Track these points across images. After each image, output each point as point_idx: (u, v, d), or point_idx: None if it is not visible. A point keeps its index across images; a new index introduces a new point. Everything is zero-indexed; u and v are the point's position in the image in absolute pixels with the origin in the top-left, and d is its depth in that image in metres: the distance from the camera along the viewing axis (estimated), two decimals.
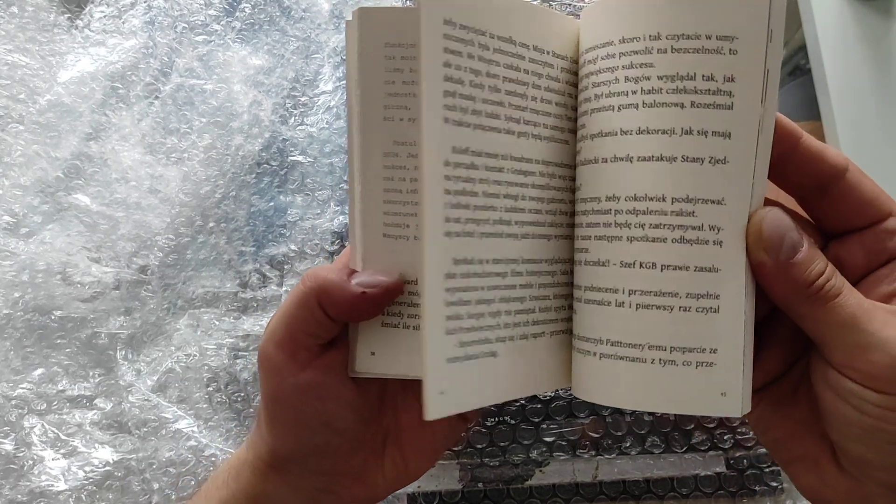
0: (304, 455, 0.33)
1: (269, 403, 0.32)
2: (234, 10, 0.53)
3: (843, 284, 0.25)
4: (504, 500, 0.43)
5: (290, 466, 0.33)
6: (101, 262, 0.47)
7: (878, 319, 0.25)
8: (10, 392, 0.44)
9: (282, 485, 0.33)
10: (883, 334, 0.24)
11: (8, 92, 0.50)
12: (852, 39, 0.53)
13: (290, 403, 0.31)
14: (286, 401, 0.31)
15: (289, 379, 0.31)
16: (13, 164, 0.49)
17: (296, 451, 0.33)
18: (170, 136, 0.50)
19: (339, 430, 0.32)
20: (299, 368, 0.31)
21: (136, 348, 0.46)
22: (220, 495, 0.34)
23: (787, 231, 0.25)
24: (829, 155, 0.27)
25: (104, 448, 0.43)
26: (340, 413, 0.32)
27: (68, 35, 0.52)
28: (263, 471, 0.33)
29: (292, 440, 0.32)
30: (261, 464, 0.33)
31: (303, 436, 0.32)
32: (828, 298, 0.25)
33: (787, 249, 0.25)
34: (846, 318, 0.25)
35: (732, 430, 0.42)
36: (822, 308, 0.25)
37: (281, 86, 0.52)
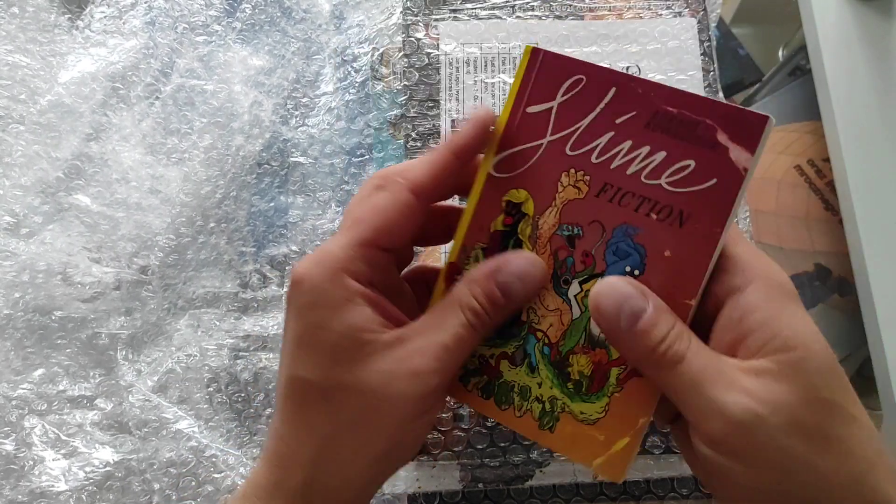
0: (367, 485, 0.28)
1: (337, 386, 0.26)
2: (235, 11, 0.53)
3: (687, 348, 0.25)
4: (504, 500, 0.43)
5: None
6: (102, 262, 0.47)
7: (720, 383, 0.24)
8: (11, 392, 0.44)
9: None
10: (721, 400, 0.24)
11: (9, 92, 0.50)
12: (852, 39, 0.53)
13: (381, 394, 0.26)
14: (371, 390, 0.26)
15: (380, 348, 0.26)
16: (14, 165, 0.49)
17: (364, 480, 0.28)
18: (170, 137, 0.50)
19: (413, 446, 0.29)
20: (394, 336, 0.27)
21: (137, 348, 0.46)
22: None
23: (624, 301, 0.26)
24: None
25: (105, 448, 0.43)
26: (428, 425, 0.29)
27: (69, 35, 0.52)
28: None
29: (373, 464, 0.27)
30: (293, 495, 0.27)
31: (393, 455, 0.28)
32: (672, 363, 0.25)
33: (627, 318, 0.25)
34: (688, 383, 0.25)
35: None
36: (667, 372, 0.25)
37: (281, 86, 0.52)
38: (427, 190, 0.28)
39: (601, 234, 0.28)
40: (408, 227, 0.28)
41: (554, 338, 0.29)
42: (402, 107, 0.49)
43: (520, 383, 0.29)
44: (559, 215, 0.28)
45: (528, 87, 0.28)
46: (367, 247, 0.27)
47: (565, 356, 0.29)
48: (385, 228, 0.27)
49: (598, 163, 0.27)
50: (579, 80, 0.27)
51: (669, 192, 0.27)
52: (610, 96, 0.27)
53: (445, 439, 0.42)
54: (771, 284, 0.25)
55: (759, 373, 0.24)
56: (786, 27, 0.66)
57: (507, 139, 0.29)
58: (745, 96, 0.62)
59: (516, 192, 0.29)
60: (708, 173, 0.26)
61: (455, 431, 0.42)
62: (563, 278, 0.28)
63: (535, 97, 0.28)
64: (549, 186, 0.28)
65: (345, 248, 0.27)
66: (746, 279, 0.25)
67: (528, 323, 0.29)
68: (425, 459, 0.42)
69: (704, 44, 0.50)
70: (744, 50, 0.60)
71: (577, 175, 0.28)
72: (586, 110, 0.27)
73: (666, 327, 0.25)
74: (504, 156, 0.29)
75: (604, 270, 0.28)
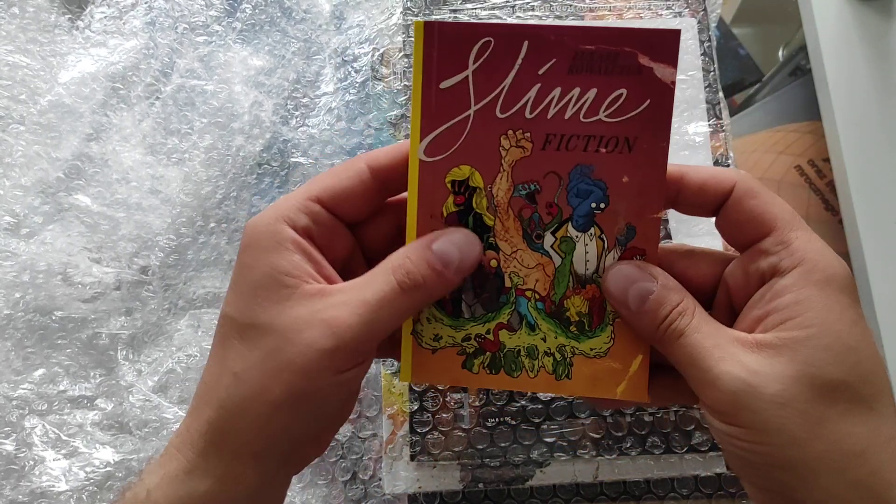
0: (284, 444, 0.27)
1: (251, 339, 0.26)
2: (235, 11, 0.53)
3: (688, 323, 0.26)
4: (505, 500, 0.43)
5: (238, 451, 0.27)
6: (102, 262, 0.47)
7: (716, 356, 0.25)
8: (11, 392, 0.44)
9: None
10: (717, 370, 0.25)
11: (9, 93, 0.50)
12: (852, 39, 0.53)
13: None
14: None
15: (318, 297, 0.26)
16: (14, 165, 0.49)
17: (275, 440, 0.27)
18: (170, 137, 0.50)
19: (336, 414, 0.30)
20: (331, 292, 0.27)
21: (137, 349, 0.46)
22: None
23: (631, 284, 0.27)
24: (712, 182, 0.28)
25: (105, 448, 0.43)
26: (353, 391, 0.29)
27: (69, 36, 0.52)
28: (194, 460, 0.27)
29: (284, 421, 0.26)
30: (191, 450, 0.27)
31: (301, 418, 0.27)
32: (674, 338, 0.26)
33: (635, 300, 0.27)
34: (687, 356, 0.26)
35: None
36: (671, 347, 0.27)
37: (282, 87, 0.52)
38: (382, 168, 0.29)
39: (559, 182, 0.28)
40: (359, 197, 0.29)
41: (544, 291, 0.29)
42: (403, 107, 0.49)
43: (525, 346, 0.30)
44: (511, 178, 0.28)
45: (432, 63, 0.27)
46: (312, 201, 0.28)
47: (559, 304, 0.29)
48: (333, 190, 0.28)
49: (533, 117, 0.28)
50: (487, 43, 0.27)
51: (611, 124, 0.27)
52: (525, 50, 0.27)
53: (446, 439, 0.42)
54: (814, 271, 0.26)
55: (760, 346, 0.25)
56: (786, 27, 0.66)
57: (429, 121, 0.28)
58: (745, 96, 0.62)
59: (457, 170, 0.28)
60: (641, 96, 0.27)
61: (455, 431, 0.42)
62: (534, 234, 0.29)
63: (444, 71, 0.27)
64: (492, 154, 0.28)
65: (291, 199, 0.28)
66: (792, 262, 0.26)
67: (513, 287, 0.29)
68: (425, 459, 0.42)
69: (704, 44, 0.50)
70: (744, 50, 0.60)
71: (516, 135, 0.28)
72: (505, 70, 0.27)
73: (670, 305, 0.27)
74: (431, 139, 0.28)
75: (571, 214, 0.28)
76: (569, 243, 0.29)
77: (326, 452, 0.44)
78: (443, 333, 0.30)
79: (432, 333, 0.30)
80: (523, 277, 0.29)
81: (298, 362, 0.25)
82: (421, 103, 0.28)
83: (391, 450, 0.43)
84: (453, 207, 0.29)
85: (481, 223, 0.29)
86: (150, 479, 0.27)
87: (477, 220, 0.29)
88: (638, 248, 0.28)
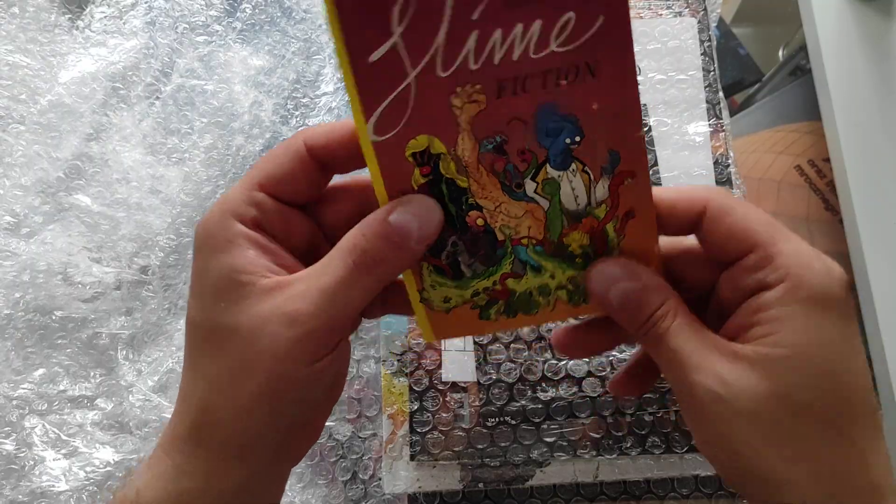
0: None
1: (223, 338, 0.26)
2: (235, 11, 0.53)
3: (668, 326, 0.26)
4: (505, 500, 0.43)
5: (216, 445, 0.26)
6: (102, 262, 0.47)
7: (693, 363, 0.25)
8: (11, 392, 0.44)
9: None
10: (692, 378, 0.25)
11: (9, 92, 0.50)
12: (852, 39, 0.53)
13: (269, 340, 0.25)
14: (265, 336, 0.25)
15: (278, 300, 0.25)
16: (14, 165, 0.49)
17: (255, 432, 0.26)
18: (171, 137, 0.50)
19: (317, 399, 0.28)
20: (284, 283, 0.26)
21: (137, 348, 0.46)
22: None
23: (613, 284, 0.28)
24: (683, 203, 0.28)
25: (105, 448, 0.43)
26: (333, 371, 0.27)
27: (69, 35, 0.52)
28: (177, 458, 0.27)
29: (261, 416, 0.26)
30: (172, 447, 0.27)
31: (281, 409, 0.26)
32: (654, 339, 0.27)
33: (617, 299, 0.27)
34: (666, 360, 0.27)
35: None
36: (652, 347, 0.27)
37: (282, 86, 0.52)
38: (318, 146, 0.28)
39: (524, 127, 0.26)
40: (301, 179, 0.28)
41: (539, 235, 0.28)
42: None
43: (535, 287, 0.29)
44: (473, 135, 0.26)
45: (353, 36, 0.24)
46: (255, 190, 0.27)
47: (559, 242, 0.29)
48: (274, 175, 0.27)
49: (479, 67, 0.25)
50: (407, 1, 0.24)
51: (565, 53, 0.25)
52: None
53: (445, 439, 0.42)
54: (801, 287, 0.25)
55: (738, 357, 0.25)
56: (786, 27, 0.66)
57: (369, 99, 0.25)
58: (745, 96, 0.62)
59: (414, 141, 0.26)
60: (591, 15, 0.24)
61: (455, 431, 0.42)
62: (514, 184, 0.27)
63: (369, 43, 0.24)
64: (445, 116, 0.26)
65: (235, 192, 0.27)
66: (777, 277, 0.26)
67: (507, 238, 0.28)
68: (425, 459, 0.42)
69: (705, 44, 0.50)
70: (744, 50, 0.60)
71: (466, 90, 0.25)
72: (434, 24, 0.24)
73: (652, 307, 0.27)
74: (377, 117, 0.26)
75: (546, 155, 0.27)
76: (552, 185, 0.27)
77: (326, 452, 0.44)
78: (451, 295, 0.29)
79: (441, 297, 0.29)
80: (514, 228, 0.28)
81: (267, 361, 0.25)
82: (355, 83, 0.25)
83: (391, 450, 0.43)
84: (421, 179, 0.27)
85: (455, 187, 0.27)
86: (139, 480, 0.27)
87: (450, 185, 0.27)
88: (626, 171, 0.27)
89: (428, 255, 0.28)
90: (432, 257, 0.29)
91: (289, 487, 0.43)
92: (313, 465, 0.44)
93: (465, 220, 0.28)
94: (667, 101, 0.48)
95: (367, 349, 0.46)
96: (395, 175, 0.27)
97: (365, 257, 0.26)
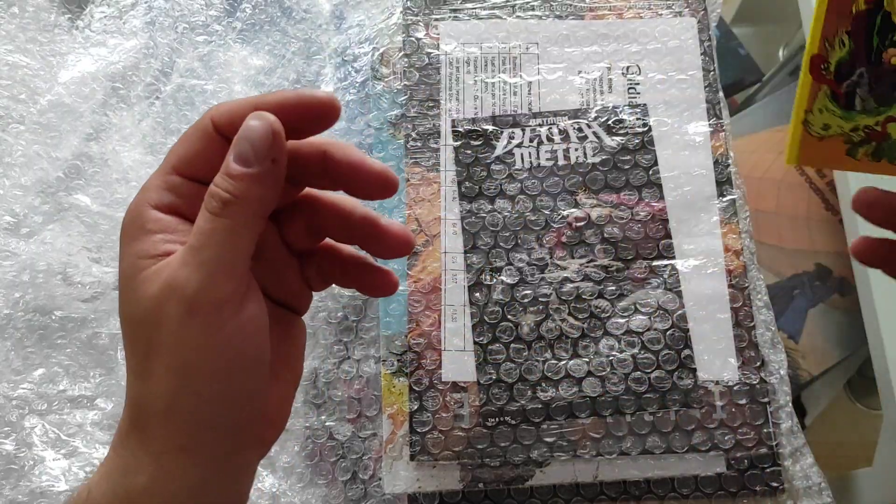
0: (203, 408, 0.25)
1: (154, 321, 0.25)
2: (235, 11, 0.53)
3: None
4: (505, 500, 0.43)
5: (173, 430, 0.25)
6: (102, 262, 0.47)
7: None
8: (11, 392, 0.44)
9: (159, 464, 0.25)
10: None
11: (9, 92, 0.50)
12: None
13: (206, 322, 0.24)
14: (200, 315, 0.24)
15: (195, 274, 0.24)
16: (14, 165, 0.49)
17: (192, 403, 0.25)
18: (170, 137, 0.50)
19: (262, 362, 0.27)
20: None
21: None
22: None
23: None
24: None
25: (105, 448, 0.43)
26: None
27: (69, 35, 0.52)
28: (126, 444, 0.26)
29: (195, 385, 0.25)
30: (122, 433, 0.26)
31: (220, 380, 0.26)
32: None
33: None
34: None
35: (733, 431, 0.42)
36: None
37: (282, 86, 0.52)
38: (225, 122, 0.27)
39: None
40: (213, 158, 0.27)
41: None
42: (403, 107, 0.49)
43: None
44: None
45: None
46: (171, 175, 0.27)
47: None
48: (186, 156, 0.27)
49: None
50: None
51: None
52: None
53: (445, 439, 0.42)
54: None
55: None
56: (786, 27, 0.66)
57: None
58: (745, 96, 0.62)
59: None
60: None
61: (455, 431, 0.42)
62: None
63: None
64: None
65: (152, 179, 0.27)
66: None
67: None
68: (425, 459, 0.42)
69: (704, 43, 0.50)
70: (744, 50, 0.60)
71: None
72: None
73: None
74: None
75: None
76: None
77: (326, 452, 0.44)
78: (832, 123, 0.31)
79: (822, 123, 0.31)
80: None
81: (169, 338, 0.24)
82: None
83: (391, 449, 0.43)
84: (863, 6, 0.29)
85: (888, 22, 0.29)
86: (92, 479, 0.26)
87: (885, 18, 0.29)
88: None
89: (831, 79, 0.31)
90: (834, 82, 0.31)
91: (289, 487, 0.43)
92: (313, 465, 0.44)
93: (881, 55, 0.30)
94: (667, 101, 0.48)
95: (367, 349, 0.46)
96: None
97: (217, 201, 0.25)
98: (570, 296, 0.45)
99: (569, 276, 0.45)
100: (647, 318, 0.44)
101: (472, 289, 0.45)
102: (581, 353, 0.43)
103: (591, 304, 0.44)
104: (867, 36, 0.29)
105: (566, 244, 0.46)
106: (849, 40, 0.30)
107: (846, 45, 0.30)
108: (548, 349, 0.44)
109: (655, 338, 0.44)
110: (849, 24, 0.30)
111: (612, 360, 0.43)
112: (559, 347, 0.44)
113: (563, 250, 0.46)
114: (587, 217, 0.46)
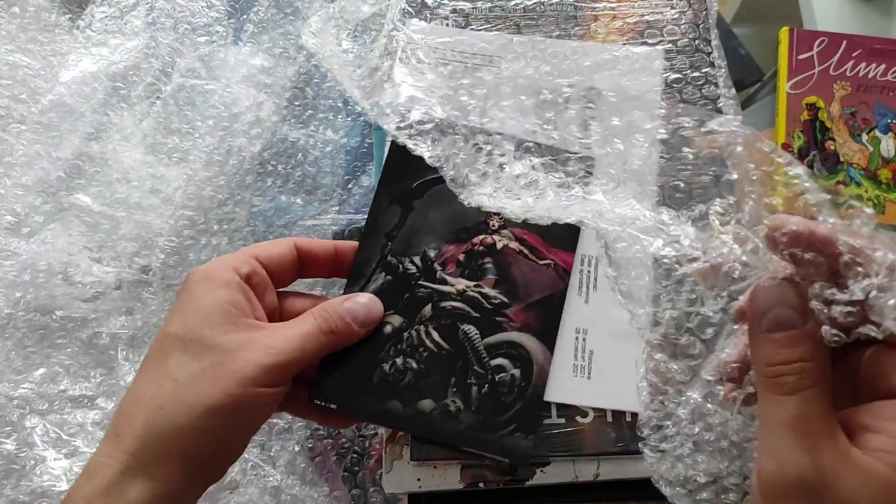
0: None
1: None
2: (236, 12, 0.53)
3: (797, 389, 0.24)
4: (505, 500, 0.43)
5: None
6: (103, 262, 0.47)
7: (794, 446, 0.23)
8: (12, 392, 0.44)
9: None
10: (781, 456, 0.23)
11: (9, 92, 0.50)
12: None
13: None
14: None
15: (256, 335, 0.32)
16: (15, 164, 0.49)
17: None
18: (171, 137, 0.50)
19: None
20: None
21: (138, 348, 0.46)
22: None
23: (773, 306, 0.25)
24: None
25: None
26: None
27: (70, 35, 0.52)
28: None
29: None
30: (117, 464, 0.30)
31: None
32: (774, 389, 0.24)
33: (769, 323, 0.25)
34: (770, 421, 0.24)
35: None
36: (766, 395, 0.25)
37: (283, 86, 0.52)
38: (305, 247, 0.37)
39: (867, 108, 0.49)
40: (286, 265, 0.36)
41: (863, 164, 0.48)
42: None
43: (853, 195, 0.46)
44: (840, 104, 0.49)
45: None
46: (255, 258, 0.34)
47: (874, 172, 0.48)
48: (269, 253, 0.35)
49: (851, 76, 0.50)
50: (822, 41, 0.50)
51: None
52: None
53: None
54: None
55: (844, 459, 0.23)
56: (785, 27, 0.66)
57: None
58: (745, 96, 0.62)
59: (809, 98, 0.49)
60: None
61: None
62: (856, 133, 0.49)
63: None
64: (829, 90, 0.50)
65: (237, 254, 0.35)
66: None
67: (845, 161, 0.48)
68: (426, 459, 0.42)
69: (712, 42, 0.50)
70: (744, 50, 0.60)
71: (842, 84, 0.50)
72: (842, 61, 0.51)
73: (796, 355, 0.24)
74: (794, 82, 0.50)
75: (876, 124, 0.49)
76: (876, 140, 0.49)
77: (326, 452, 0.44)
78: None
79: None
80: (851, 157, 0.48)
81: (239, 374, 0.30)
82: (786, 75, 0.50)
83: (391, 449, 0.43)
84: (807, 116, 0.49)
85: (823, 126, 0.49)
86: (81, 490, 0.29)
87: (822, 124, 0.49)
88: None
89: (796, 157, 0.46)
90: (799, 159, 0.47)
91: (289, 487, 0.43)
92: (313, 465, 0.44)
93: (824, 145, 0.48)
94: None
95: None
96: (793, 112, 0.49)
97: (326, 324, 0.34)
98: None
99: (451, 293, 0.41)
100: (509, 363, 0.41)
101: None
102: None
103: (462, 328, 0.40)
104: (813, 133, 0.49)
105: (460, 262, 0.42)
106: (802, 135, 0.49)
107: (801, 138, 0.49)
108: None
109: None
110: (801, 126, 0.49)
111: None
112: None
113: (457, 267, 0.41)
114: (493, 244, 0.42)
